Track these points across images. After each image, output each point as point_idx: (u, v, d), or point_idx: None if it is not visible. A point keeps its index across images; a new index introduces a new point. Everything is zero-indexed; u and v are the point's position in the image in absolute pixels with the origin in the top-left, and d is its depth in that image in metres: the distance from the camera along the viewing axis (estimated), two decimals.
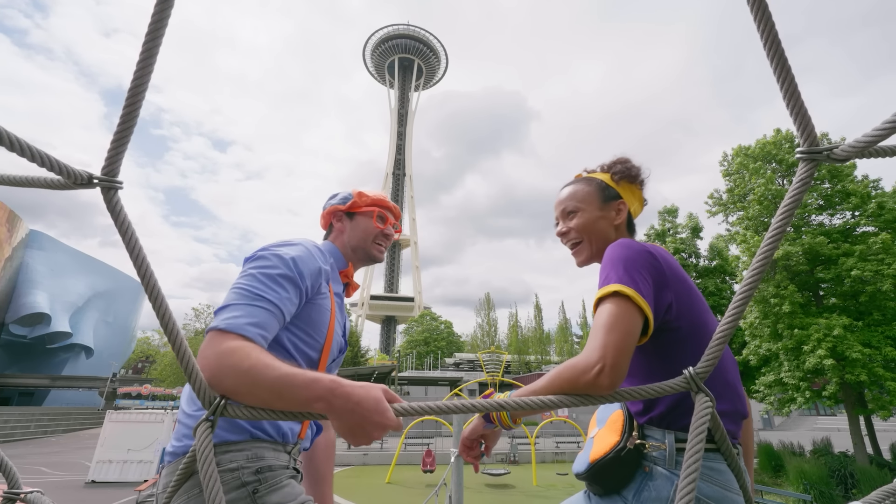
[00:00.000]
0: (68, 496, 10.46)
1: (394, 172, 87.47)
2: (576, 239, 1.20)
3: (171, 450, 1.00)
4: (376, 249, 1.39)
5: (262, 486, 0.95)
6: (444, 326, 59.08)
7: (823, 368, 11.64)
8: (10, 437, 23.87)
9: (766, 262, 0.59)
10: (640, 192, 1.24)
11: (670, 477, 0.88)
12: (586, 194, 1.21)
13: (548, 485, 13.23)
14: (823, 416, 37.31)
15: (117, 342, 46.78)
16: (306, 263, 1.09)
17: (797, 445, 15.36)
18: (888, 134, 0.53)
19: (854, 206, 12.97)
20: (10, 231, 34.38)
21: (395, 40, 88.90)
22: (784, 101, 0.60)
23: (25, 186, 0.64)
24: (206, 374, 0.79)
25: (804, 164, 0.60)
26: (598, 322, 0.88)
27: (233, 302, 0.95)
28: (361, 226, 1.37)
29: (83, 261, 42.79)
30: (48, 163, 0.58)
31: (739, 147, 15.05)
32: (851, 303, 12.72)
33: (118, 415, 13.22)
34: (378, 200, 1.41)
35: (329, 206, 1.40)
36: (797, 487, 11.14)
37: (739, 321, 0.60)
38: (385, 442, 21.63)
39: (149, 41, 0.60)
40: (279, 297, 1.00)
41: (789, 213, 0.60)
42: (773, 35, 0.58)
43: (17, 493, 0.88)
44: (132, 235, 0.63)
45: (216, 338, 0.87)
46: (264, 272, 1.02)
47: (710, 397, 0.59)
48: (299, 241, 1.15)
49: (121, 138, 0.63)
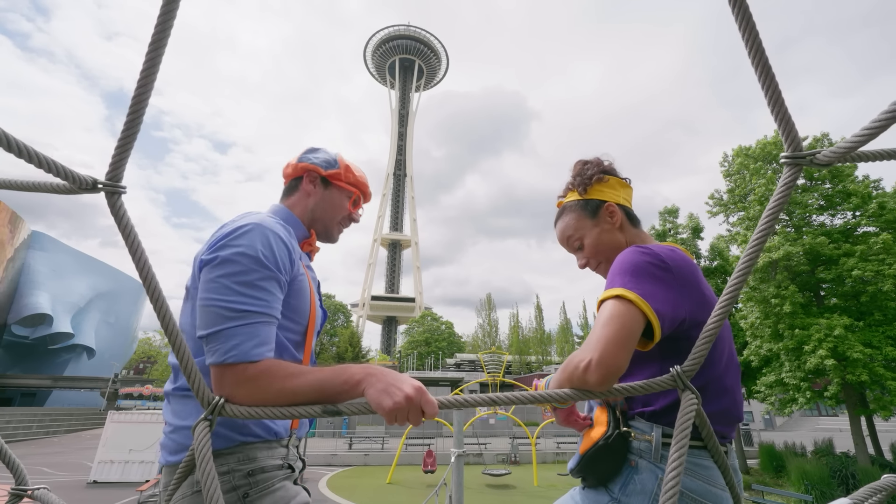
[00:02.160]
0: (71, 496, 10.49)
1: (395, 173, 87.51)
2: (595, 264, 1.21)
3: (165, 463, 0.96)
4: (337, 230, 1.30)
5: (253, 490, 0.92)
6: (444, 327, 59.07)
7: (825, 369, 11.62)
8: (13, 438, 23.93)
9: (750, 264, 0.61)
10: (615, 179, 1.22)
11: (655, 471, 0.91)
12: (576, 220, 1.21)
13: (549, 485, 13.23)
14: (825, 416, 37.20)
15: (119, 343, 46.89)
16: (275, 252, 0.97)
17: (799, 446, 15.34)
18: (868, 139, 0.55)
19: (855, 207, 12.96)
20: (12, 232, 34.49)
21: (396, 41, 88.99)
22: (769, 108, 0.62)
23: (32, 191, 0.66)
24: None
25: (788, 168, 0.62)
26: (596, 321, 0.90)
27: (223, 327, 0.86)
28: (334, 201, 1.26)
29: (85, 261, 42.92)
30: (54, 168, 0.60)
31: (740, 147, 15.04)
32: (852, 303, 12.70)
33: (120, 415, 13.26)
34: (360, 182, 1.31)
35: (306, 161, 1.25)
36: (799, 488, 11.12)
37: (725, 321, 0.62)
38: (386, 442, 21.64)
39: (152, 50, 0.62)
40: (267, 305, 0.92)
41: (774, 216, 0.62)
42: (756, 43, 0.60)
43: (25, 490, 0.90)
44: (135, 239, 0.65)
45: (228, 372, 0.83)
46: (240, 280, 0.90)
47: (695, 395, 0.60)
48: (254, 221, 0.99)
49: (125, 144, 0.65)
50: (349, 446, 20.60)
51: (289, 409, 0.68)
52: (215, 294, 0.88)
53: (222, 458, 0.92)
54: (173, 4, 0.62)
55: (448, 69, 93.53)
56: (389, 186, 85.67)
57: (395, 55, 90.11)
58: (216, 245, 0.94)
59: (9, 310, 35.88)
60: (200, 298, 0.90)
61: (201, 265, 0.94)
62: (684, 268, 0.99)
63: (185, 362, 0.64)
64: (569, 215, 1.23)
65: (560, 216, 1.27)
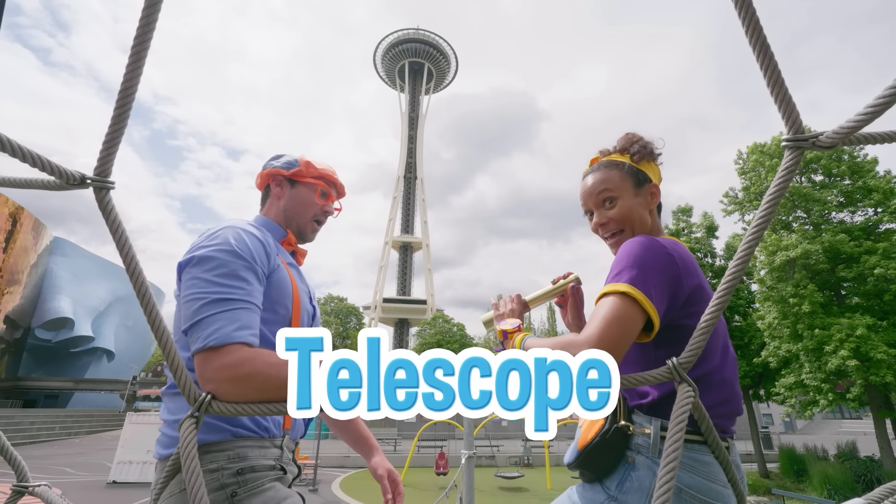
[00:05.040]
0: (91, 496, 10.72)
1: (405, 175, 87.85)
2: (615, 229, 1.12)
3: (158, 457, 0.98)
4: (311, 228, 1.30)
5: (241, 489, 0.91)
6: (456, 329, 58.95)
7: (847, 370, 11.29)
8: (36, 439, 24.56)
9: (748, 253, 0.58)
10: (657, 168, 1.18)
11: (653, 467, 0.88)
12: (621, 180, 1.11)
13: (562, 488, 12.97)
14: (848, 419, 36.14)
15: (137, 346, 47.85)
16: (249, 246, 1.00)
17: (821, 449, 14.91)
18: (872, 118, 0.52)
19: (876, 203, 12.57)
20: (35, 238, 35.50)
21: (405, 45, 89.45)
22: (769, 90, 0.60)
23: (23, 188, 0.67)
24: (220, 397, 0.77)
25: (789, 151, 0.60)
26: (600, 313, 0.88)
27: (204, 315, 0.87)
28: (301, 197, 1.27)
29: (104, 266, 43.93)
30: (40, 164, 0.60)
31: (755, 145, 14.73)
32: (875, 302, 12.31)
33: (138, 417, 13.52)
34: (325, 174, 1.30)
35: (269, 168, 1.29)
36: (821, 493, 10.82)
37: (722, 312, 0.60)
38: (398, 444, 21.66)
39: (137, 45, 0.62)
40: (247, 293, 0.93)
41: (774, 202, 0.59)
42: (755, 23, 0.58)
43: (26, 487, 0.91)
44: (122, 234, 0.65)
45: (211, 357, 0.82)
46: (218, 272, 0.93)
47: (692, 387, 0.58)
48: (228, 224, 1.05)
49: (112, 139, 0.65)
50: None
51: (276, 406, 0.66)
52: (194, 289, 0.91)
53: (212, 454, 0.92)
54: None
55: (457, 71, 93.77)
56: (400, 189, 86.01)
57: (405, 59, 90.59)
58: (193, 248, 0.99)
59: (32, 314, 36.92)
60: (182, 297, 0.93)
61: (180, 269, 0.98)
62: (687, 260, 0.99)
63: (171, 358, 0.64)
64: (615, 171, 1.13)
65: (598, 169, 1.16)
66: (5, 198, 30.69)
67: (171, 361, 0.63)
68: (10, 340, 34.29)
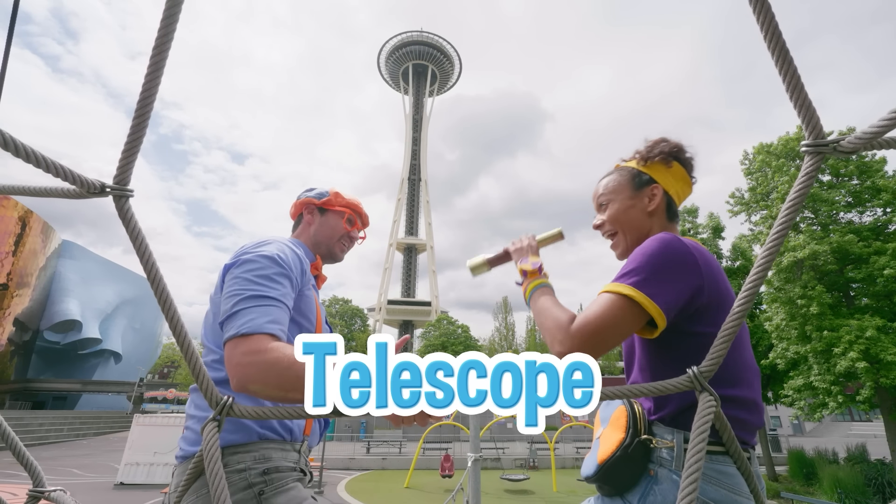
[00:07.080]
0: (98, 497, 10.79)
1: (409, 177, 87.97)
2: (609, 230, 1.19)
3: (181, 454, 1.03)
4: (339, 248, 1.43)
5: (268, 488, 0.96)
6: (461, 331, 58.86)
7: (856, 372, 11.15)
8: (45, 440, 24.77)
9: (770, 258, 0.58)
10: (681, 171, 1.16)
11: (676, 480, 0.86)
12: (617, 184, 1.18)
13: (568, 490, 13.01)
14: (858, 421, 35.72)
15: (144, 348, 48.19)
16: (290, 257, 1.12)
17: (831, 452, 14.73)
18: (894, 123, 0.52)
19: (885, 203, 12.43)
20: (44, 242, 35.87)
21: (409, 47, 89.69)
22: (788, 95, 0.59)
23: (44, 196, 0.68)
24: (243, 380, 0.84)
25: (810, 157, 0.59)
26: (595, 309, 0.89)
27: (241, 308, 0.95)
28: (330, 223, 1.41)
29: (111, 269, 44.31)
30: (62, 173, 0.61)
31: (761, 145, 14.62)
32: (885, 303, 12.16)
33: (145, 418, 13.60)
34: (352, 204, 1.45)
35: (303, 198, 1.44)
36: (831, 496, 10.69)
37: (743, 320, 0.59)
38: (404, 447, 21.65)
39: (156, 55, 0.63)
40: (281, 293, 1.03)
41: (795, 208, 0.59)
42: (773, 27, 0.57)
43: (42, 492, 0.91)
44: (143, 241, 0.65)
45: (241, 343, 0.89)
46: (258, 273, 1.03)
47: (714, 397, 0.58)
48: (273, 239, 1.18)
49: (131, 148, 0.65)
50: (367, 450, 20.67)
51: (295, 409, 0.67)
52: (235, 286, 1.01)
53: (239, 455, 0.98)
54: (175, 9, 0.63)
55: (461, 73, 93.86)
56: (404, 191, 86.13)
57: (409, 61, 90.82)
58: (240, 253, 1.10)
59: (41, 316, 37.28)
60: (224, 293, 1.01)
61: (225, 270, 1.08)
62: (711, 263, 0.98)
63: (192, 362, 0.65)
64: (615, 176, 1.20)
65: (608, 173, 1.24)
66: (14, 201, 31.04)
67: (193, 366, 0.63)
68: (19, 343, 34.64)
